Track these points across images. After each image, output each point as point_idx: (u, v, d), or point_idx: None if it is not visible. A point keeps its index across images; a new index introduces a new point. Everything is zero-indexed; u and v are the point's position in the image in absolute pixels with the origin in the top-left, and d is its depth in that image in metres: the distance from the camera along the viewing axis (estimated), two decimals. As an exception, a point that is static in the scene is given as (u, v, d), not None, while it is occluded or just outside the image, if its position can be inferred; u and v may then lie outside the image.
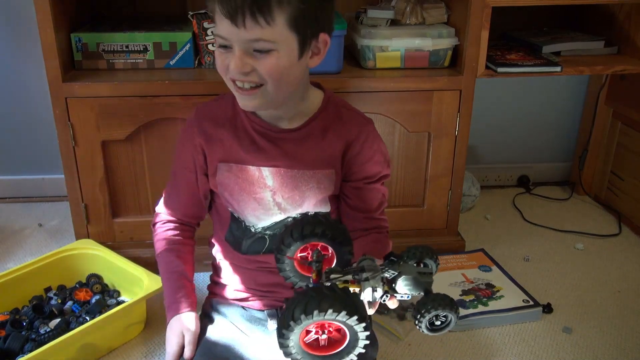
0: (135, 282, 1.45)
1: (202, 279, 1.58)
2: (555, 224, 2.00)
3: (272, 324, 1.14)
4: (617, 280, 1.70)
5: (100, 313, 1.38)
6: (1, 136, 2.04)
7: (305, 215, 0.85)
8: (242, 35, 0.89)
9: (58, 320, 1.38)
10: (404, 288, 0.80)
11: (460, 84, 1.58)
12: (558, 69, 1.66)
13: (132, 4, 1.81)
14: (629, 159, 2.00)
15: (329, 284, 0.77)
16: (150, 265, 1.51)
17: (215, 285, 1.21)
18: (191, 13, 1.57)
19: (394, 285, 0.80)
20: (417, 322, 0.78)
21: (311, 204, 1.09)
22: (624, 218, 2.01)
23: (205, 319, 1.14)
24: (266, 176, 1.06)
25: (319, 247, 0.84)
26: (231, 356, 1.07)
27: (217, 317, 1.14)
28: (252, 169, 1.06)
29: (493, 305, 1.53)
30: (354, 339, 0.73)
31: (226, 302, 1.17)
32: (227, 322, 1.13)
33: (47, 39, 1.44)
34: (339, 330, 0.73)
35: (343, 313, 0.69)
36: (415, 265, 0.86)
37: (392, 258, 0.83)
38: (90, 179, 1.58)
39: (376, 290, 0.79)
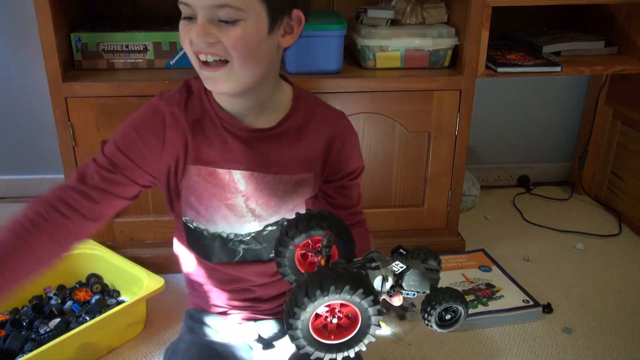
0: (135, 282, 1.45)
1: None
2: (555, 224, 2.00)
3: (253, 334, 1.12)
4: (617, 280, 1.70)
5: (100, 313, 1.38)
6: (1, 136, 2.04)
7: (309, 211, 0.83)
8: (207, 1, 0.82)
9: (58, 320, 1.38)
10: (411, 283, 0.79)
11: (460, 84, 1.58)
12: (558, 69, 1.66)
13: (132, 4, 1.81)
14: (629, 159, 2.00)
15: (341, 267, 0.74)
16: (150, 265, 1.52)
17: (194, 296, 1.16)
18: (191, 13, 1.57)
19: (400, 281, 0.79)
20: (426, 316, 0.76)
21: (288, 209, 1.03)
22: (624, 218, 2.01)
23: (188, 329, 1.12)
24: (238, 180, 0.98)
25: (328, 233, 0.80)
26: None
27: (199, 327, 1.11)
28: (222, 172, 0.97)
29: (493, 305, 1.53)
30: (366, 324, 0.69)
31: (205, 311, 1.13)
32: (211, 329, 1.10)
33: (47, 39, 1.44)
34: (348, 316, 0.70)
35: (360, 291, 0.65)
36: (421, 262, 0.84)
37: (401, 251, 0.81)
38: (90, 179, 1.58)
39: (387, 280, 0.76)
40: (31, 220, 0.88)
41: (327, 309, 0.68)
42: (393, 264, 0.78)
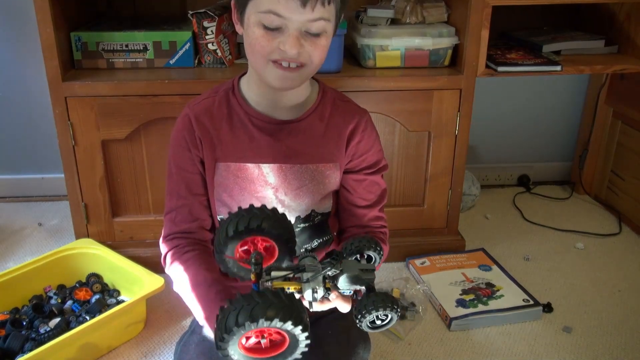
0: (135, 282, 1.45)
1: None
2: (556, 223, 2.00)
3: None
4: (617, 279, 1.70)
5: (100, 312, 1.38)
6: (1, 135, 2.04)
7: (239, 209, 0.84)
8: (306, 15, 0.89)
9: (58, 319, 1.38)
10: (345, 286, 0.81)
11: (460, 83, 1.58)
12: (558, 68, 1.66)
13: (131, 3, 1.81)
14: (629, 158, 2.00)
15: (273, 289, 0.76)
16: (150, 264, 1.51)
17: None
18: (191, 12, 1.57)
19: (336, 282, 0.81)
20: (357, 321, 0.79)
21: (316, 200, 1.08)
22: (624, 217, 2.01)
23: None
24: (267, 173, 1.04)
25: (257, 250, 0.83)
26: None
27: None
28: (251, 167, 1.04)
29: (493, 304, 1.53)
30: (294, 344, 0.72)
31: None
32: None
33: (46, 38, 1.44)
34: (278, 332, 0.72)
35: (289, 322, 0.68)
36: (357, 259, 0.86)
37: (334, 257, 0.82)
38: (90, 179, 1.58)
39: (316, 292, 0.79)
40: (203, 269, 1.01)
41: (255, 332, 0.71)
42: (327, 270, 0.80)
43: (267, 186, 1.05)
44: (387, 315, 0.79)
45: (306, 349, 0.73)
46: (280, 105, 1.04)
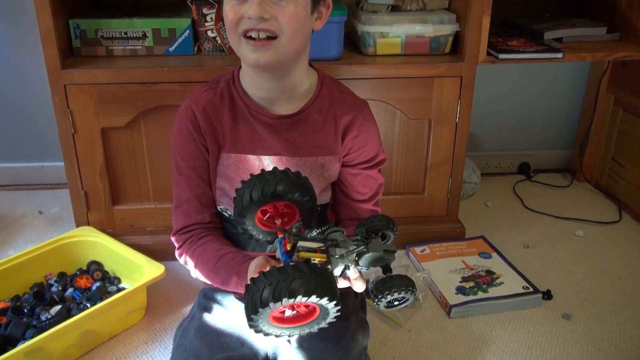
0: (136, 269, 1.46)
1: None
2: (556, 211, 2.00)
3: None
4: (617, 267, 1.70)
5: (101, 300, 1.38)
6: (0, 124, 2.03)
7: (263, 172, 0.84)
8: None
9: (59, 307, 1.39)
10: (367, 263, 0.82)
11: (461, 71, 1.58)
12: (560, 55, 1.65)
13: (130, -10, 1.80)
14: (629, 146, 1.99)
15: (301, 260, 0.77)
16: (150, 252, 1.52)
17: None
18: (190, -1, 1.56)
19: (358, 258, 0.82)
20: (376, 300, 0.80)
21: (316, 192, 1.07)
22: (624, 205, 2.01)
23: (201, 307, 1.14)
24: (267, 165, 1.05)
25: (297, 222, 0.84)
26: (229, 341, 1.07)
27: (213, 305, 1.14)
28: (252, 158, 1.05)
29: (493, 292, 1.53)
30: (324, 314, 0.73)
31: (221, 290, 1.16)
32: (223, 309, 1.13)
33: (45, 26, 1.43)
34: (306, 306, 0.73)
35: (325, 298, 0.69)
36: (380, 240, 0.87)
37: (363, 234, 0.85)
38: (90, 167, 1.58)
39: (348, 269, 0.81)
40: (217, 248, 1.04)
41: (284, 307, 0.71)
42: (360, 248, 0.81)
43: None
44: (403, 297, 0.80)
45: (334, 320, 0.75)
46: (279, 96, 1.03)
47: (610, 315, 1.50)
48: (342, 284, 0.85)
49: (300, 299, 0.68)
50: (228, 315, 1.12)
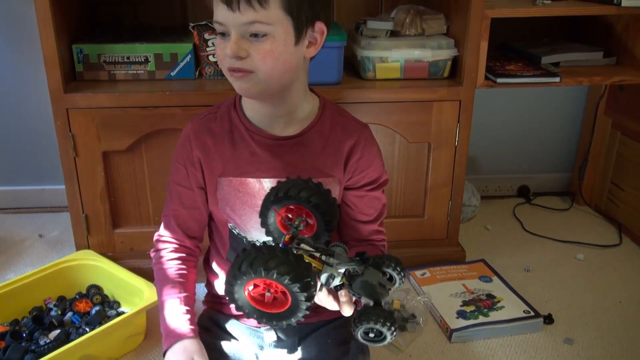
0: (136, 293, 1.45)
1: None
2: (556, 234, 1.99)
3: (269, 337, 1.14)
4: (618, 290, 1.69)
5: (100, 324, 1.37)
6: (2, 146, 2.04)
7: (297, 178, 0.89)
8: (238, 19, 0.89)
9: (58, 331, 1.38)
10: (358, 290, 0.82)
11: (459, 95, 1.59)
12: (557, 79, 1.67)
13: (133, 15, 1.83)
14: (628, 169, 2.00)
15: (292, 249, 0.80)
16: (150, 276, 1.51)
17: (213, 300, 1.20)
18: (192, 24, 1.58)
19: (351, 282, 0.82)
20: (354, 326, 0.80)
21: None
22: (624, 228, 2.01)
23: (202, 331, 1.13)
24: (267, 188, 1.05)
25: (304, 215, 0.87)
26: None
27: (213, 329, 1.14)
28: (252, 181, 1.05)
29: (494, 316, 1.53)
30: (295, 306, 0.75)
31: (222, 314, 1.17)
32: (223, 333, 1.13)
33: (48, 50, 1.45)
34: (284, 293, 0.75)
35: (286, 277, 0.71)
36: (381, 274, 0.86)
37: (364, 257, 0.85)
38: (91, 190, 1.58)
39: (333, 279, 0.81)
40: (177, 282, 1.08)
41: (262, 282, 0.75)
42: (352, 264, 0.82)
43: None
44: (381, 333, 0.79)
45: (302, 319, 0.76)
46: (278, 120, 1.04)
47: (612, 339, 1.49)
48: (327, 300, 0.86)
49: (274, 278, 0.71)
50: (228, 338, 1.11)
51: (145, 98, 1.51)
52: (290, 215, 0.89)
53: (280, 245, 0.83)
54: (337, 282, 0.81)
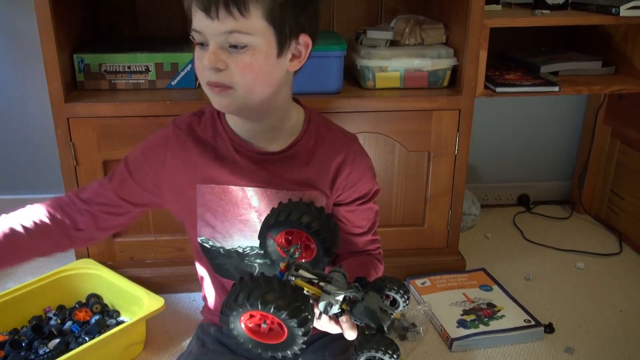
0: (135, 302, 1.45)
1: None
2: (556, 243, 1.99)
3: None
4: (619, 299, 1.69)
5: (100, 333, 1.37)
6: (2, 155, 2.04)
7: (299, 201, 0.85)
8: (216, 28, 0.84)
9: (57, 340, 1.38)
10: (359, 315, 0.80)
11: (459, 104, 1.59)
12: (556, 88, 1.67)
13: (133, 25, 1.83)
14: (628, 178, 2.00)
15: (290, 279, 0.79)
16: (150, 285, 1.51)
17: (209, 312, 1.18)
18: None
19: (352, 307, 0.80)
20: (355, 353, 0.79)
21: None
22: (624, 237, 2.01)
23: (199, 342, 1.12)
24: (251, 196, 1.01)
25: (300, 243, 0.85)
26: None
27: (211, 340, 1.12)
28: (236, 190, 1.00)
29: (494, 325, 1.52)
30: (291, 339, 0.73)
31: (219, 327, 1.14)
32: (221, 345, 1.11)
33: (50, 60, 1.45)
34: (280, 325, 0.73)
35: (284, 312, 0.70)
36: (383, 297, 0.84)
37: (363, 283, 0.82)
38: (91, 199, 1.58)
39: (330, 307, 0.79)
40: (40, 220, 1.04)
41: (258, 314, 0.73)
42: (351, 291, 0.80)
43: (251, 209, 1.02)
44: None
45: (298, 352, 0.74)
46: (262, 134, 1.00)
47: (613, 348, 1.48)
48: (328, 325, 0.83)
49: (271, 312, 0.70)
50: (226, 351, 1.10)
51: (145, 107, 1.51)
52: (290, 238, 0.87)
53: (277, 273, 0.80)
54: (335, 309, 0.79)
